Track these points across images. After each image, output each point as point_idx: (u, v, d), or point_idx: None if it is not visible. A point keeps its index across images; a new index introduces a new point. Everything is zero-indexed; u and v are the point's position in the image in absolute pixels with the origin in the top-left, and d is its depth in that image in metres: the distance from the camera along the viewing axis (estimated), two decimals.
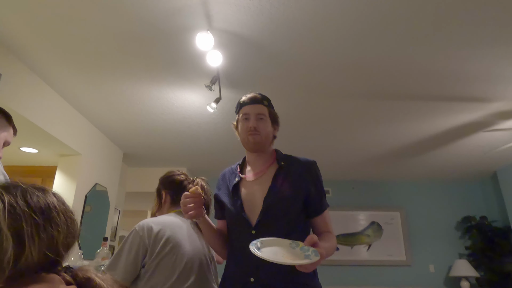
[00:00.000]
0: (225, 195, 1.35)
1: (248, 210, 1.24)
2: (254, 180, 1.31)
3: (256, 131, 1.30)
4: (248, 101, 1.36)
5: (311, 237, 0.99)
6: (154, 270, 1.35)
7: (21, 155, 3.59)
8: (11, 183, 0.71)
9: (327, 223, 1.28)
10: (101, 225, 4.00)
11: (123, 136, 4.03)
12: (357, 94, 3.00)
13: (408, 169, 4.97)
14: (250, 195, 1.27)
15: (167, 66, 2.62)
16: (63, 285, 0.63)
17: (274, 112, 1.39)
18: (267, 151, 1.36)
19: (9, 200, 0.65)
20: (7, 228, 0.62)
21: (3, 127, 1.34)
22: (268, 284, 1.13)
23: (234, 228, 1.28)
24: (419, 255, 5.08)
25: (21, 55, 2.53)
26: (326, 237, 1.22)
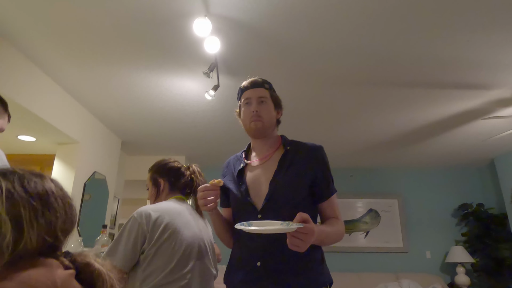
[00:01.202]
0: (230, 182, 1.34)
1: (254, 195, 1.24)
2: (259, 165, 1.30)
3: (259, 116, 1.29)
4: (249, 85, 1.35)
5: (300, 215, 0.97)
6: (153, 256, 1.36)
7: (18, 144, 3.58)
8: (8, 169, 0.71)
9: (334, 208, 1.26)
10: (100, 213, 4.01)
11: (121, 124, 4.01)
12: (356, 81, 2.98)
13: (406, 157, 4.99)
14: (255, 179, 1.26)
15: (165, 53, 2.59)
16: (61, 269, 0.63)
17: (276, 96, 1.37)
18: (271, 136, 1.35)
19: (6, 185, 0.65)
20: (6, 213, 0.63)
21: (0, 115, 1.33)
22: (275, 268, 1.13)
23: (240, 213, 1.26)
24: (416, 242, 5.14)
25: (17, 42, 2.50)
26: (330, 222, 1.22)
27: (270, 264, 1.14)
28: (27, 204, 0.65)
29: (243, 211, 1.25)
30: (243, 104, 1.35)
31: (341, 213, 1.28)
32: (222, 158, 5.05)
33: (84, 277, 0.67)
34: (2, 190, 0.65)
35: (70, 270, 0.65)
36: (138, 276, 1.36)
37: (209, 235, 1.62)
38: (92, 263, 0.69)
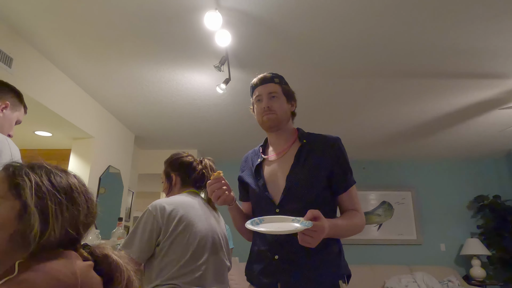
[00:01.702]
0: (248, 176, 1.36)
1: (271, 189, 1.25)
2: (276, 159, 1.30)
3: (270, 110, 1.28)
4: (259, 82, 1.35)
5: (310, 212, 0.99)
6: (168, 249, 1.38)
7: (36, 139, 3.67)
8: (36, 163, 0.74)
9: (353, 200, 1.24)
10: (115, 206, 4.10)
11: (134, 119, 4.06)
12: (369, 73, 2.94)
13: (420, 149, 4.92)
14: (273, 174, 1.27)
15: (176, 47, 2.60)
16: (80, 260, 0.66)
17: (287, 89, 1.36)
18: (287, 130, 1.34)
19: (35, 179, 0.68)
20: (34, 205, 0.65)
21: (16, 107, 1.37)
22: (292, 261, 1.15)
23: (259, 207, 1.28)
24: (430, 234, 5.09)
25: (32, 40, 2.54)
26: (347, 215, 1.21)
27: (287, 257, 1.16)
28: (54, 197, 0.68)
29: (262, 205, 1.26)
30: (255, 101, 1.36)
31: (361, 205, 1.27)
32: (234, 151, 5.08)
33: (102, 269, 0.69)
34: (31, 183, 0.67)
35: (89, 262, 0.67)
36: (154, 267, 1.39)
37: (222, 228, 1.64)
38: (110, 255, 0.71)
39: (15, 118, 1.38)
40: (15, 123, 1.38)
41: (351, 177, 1.26)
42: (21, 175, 0.69)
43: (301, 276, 1.13)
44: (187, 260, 1.39)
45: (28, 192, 0.66)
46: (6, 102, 1.33)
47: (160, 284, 1.35)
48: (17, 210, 0.66)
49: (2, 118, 1.31)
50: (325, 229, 0.99)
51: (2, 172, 0.71)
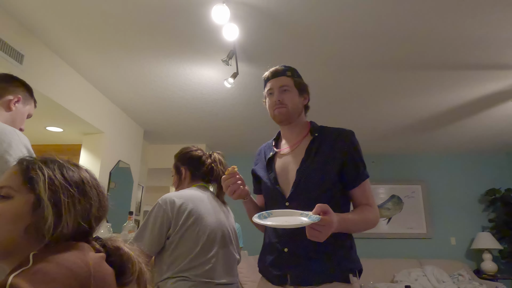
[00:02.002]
0: (261, 169, 1.36)
1: (282, 183, 1.25)
2: (288, 153, 1.30)
3: (282, 103, 1.28)
4: (271, 75, 1.34)
5: (319, 206, 0.98)
6: (178, 242, 1.40)
7: (47, 134, 3.72)
8: (49, 157, 0.75)
9: (366, 195, 1.21)
10: (126, 201, 4.15)
11: (143, 114, 4.09)
12: (378, 65, 2.91)
13: (431, 142, 4.86)
14: (284, 167, 1.27)
15: (184, 41, 2.60)
16: (92, 252, 0.67)
17: (300, 82, 1.34)
18: (299, 123, 1.33)
19: (48, 173, 0.70)
20: (47, 199, 0.67)
21: (27, 100, 1.39)
22: (301, 254, 1.15)
23: (270, 200, 1.29)
24: (440, 228, 5.05)
25: (42, 36, 2.57)
26: (359, 210, 1.19)
27: (297, 250, 1.16)
28: (66, 191, 0.69)
29: (272, 198, 1.27)
30: (267, 94, 1.35)
31: None
32: (243, 145, 5.08)
33: (114, 260, 0.70)
34: (45, 177, 0.69)
35: (101, 253, 0.68)
36: (165, 260, 1.41)
37: (231, 222, 1.65)
38: (121, 247, 0.72)
39: (26, 112, 1.40)
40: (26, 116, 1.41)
41: (364, 171, 1.24)
42: (35, 169, 0.70)
43: (310, 269, 1.13)
44: (197, 253, 1.40)
45: (42, 185, 0.68)
46: (18, 96, 1.35)
47: (171, 277, 1.37)
48: (31, 204, 0.67)
49: (15, 112, 1.33)
50: (334, 224, 0.99)
51: (16, 166, 0.72)
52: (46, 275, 0.55)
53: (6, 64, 2.33)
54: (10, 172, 0.71)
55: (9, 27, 2.35)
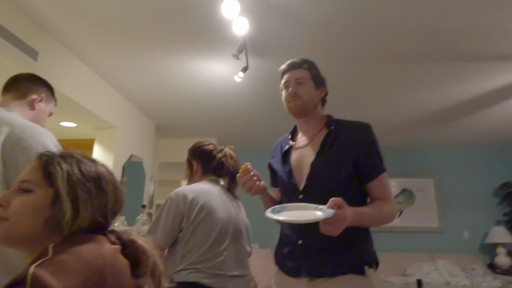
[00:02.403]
0: (277, 163, 1.37)
1: (297, 176, 1.25)
2: (303, 146, 1.30)
3: (297, 96, 1.27)
4: (287, 68, 1.34)
5: (333, 200, 0.98)
6: (190, 235, 1.43)
7: (61, 130, 3.80)
8: (67, 152, 0.77)
9: (383, 189, 1.20)
10: (138, 194, 4.22)
11: (154, 109, 4.13)
12: (389, 57, 2.87)
13: (443, 135, 4.79)
14: (299, 160, 1.28)
15: (194, 36, 2.61)
16: (108, 244, 0.69)
17: (317, 74, 1.34)
18: (315, 116, 1.32)
19: (66, 168, 0.72)
20: (66, 193, 0.69)
21: (49, 100, 1.44)
22: (315, 247, 1.16)
23: (285, 193, 1.30)
24: (453, 222, 4.99)
25: (56, 33, 2.62)
26: (375, 204, 1.18)
27: (311, 242, 1.17)
28: (83, 186, 0.71)
29: (287, 191, 1.28)
30: (283, 87, 1.34)
31: None
32: (253, 139, 5.09)
33: (129, 253, 0.72)
34: (63, 172, 0.71)
35: (116, 245, 0.71)
36: (178, 252, 1.44)
37: (243, 215, 1.67)
38: (136, 240, 0.74)
39: (48, 111, 1.44)
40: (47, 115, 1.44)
41: (380, 164, 1.22)
42: (54, 164, 0.72)
43: (325, 261, 1.14)
44: (209, 246, 1.43)
45: (60, 180, 0.70)
46: (42, 95, 1.39)
47: (184, 269, 1.40)
48: (50, 198, 0.70)
49: (38, 110, 1.37)
50: (348, 218, 0.99)
51: (36, 161, 0.74)
52: (64, 266, 0.58)
53: (22, 61, 2.38)
54: (31, 167, 0.74)
55: (23, 25, 2.39)
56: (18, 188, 0.72)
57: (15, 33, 2.32)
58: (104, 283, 0.61)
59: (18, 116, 1.23)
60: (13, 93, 1.32)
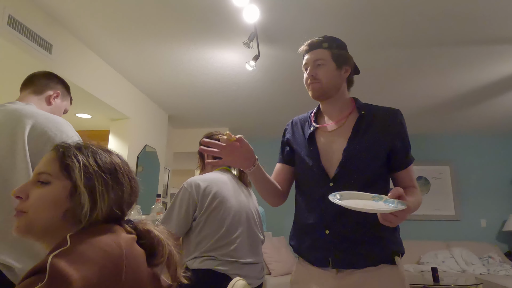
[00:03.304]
0: (297, 143, 1.27)
1: (325, 161, 1.17)
2: (331, 130, 1.22)
3: (315, 79, 1.21)
4: (306, 49, 1.26)
5: (396, 189, 0.93)
6: (204, 224, 1.45)
7: (76, 121, 3.87)
8: (82, 144, 0.78)
9: (411, 177, 1.18)
10: (153, 184, 4.28)
11: (167, 99, 4.15)
12: (404, 42, 2.79)
13: (460, 121, 4.67)
14: (328, 145, 1.19)
15: (205, 25, 2.60)
16: (124, 233, 0.70)
17: (340, 53, 1.24)
18: (340, 98, 1.25)
19: (82, 160, 0.72)
20: (83, 186, 0.70)
21: (65, 97, 1.50)
22: (344, 236, 1.10)
23: (309, 179, 1.20)
24: (470, 210, 4.91)
25: (69, 26, 2.64)
26: (411, 192, 1.13)
27: (339, 232, 1.10)
28: (100, 178, 0.72)
29: (313, 177, 1.19)
30: (304, 69, 1.27)
31: None
32: (265, 128, 5.08)
33: (145, 243, 0.73)
34: (80, 164, 0.72)
35: (132, 235, 0.72)
36: (192, 240, 1.46)
37: (254, 203, 1.69)
38: (152, 230, 0.76)
39: (63, 107, 1.49)
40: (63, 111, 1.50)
41: (411, 153, 1.20)
42: (70, 156, 0.73)
43: (355, 252, 1.09)
44: (222, 234, 1.45)
45: (78, 173, 0.71)
46: (58, 92, 1.44)
47: (198, 256, 1.43)
48: (68, 190, 0.71)
49: (54, 106, 1.43)
50: (410, 209, 0.94)
51: (53, 153, 0.75)
52: (82, 255, 0.59)
53: (37, 54, 2.41)
54: (48, 159, 0.75)
55: (38, 18, 2.42)
56: (35, 180, 0.73)
57: (30, 27, 2.35)
58: (121, 271, 0.62)
59: (37, 109, 1.29)
60: (31, 88, 1.37)
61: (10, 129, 1.14)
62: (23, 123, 1.15)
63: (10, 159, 1.10)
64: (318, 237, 1.13)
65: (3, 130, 1.14)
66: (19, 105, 1.26)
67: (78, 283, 0.55)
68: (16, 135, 1.13)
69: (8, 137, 1.13)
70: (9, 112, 1.19)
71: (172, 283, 0.75)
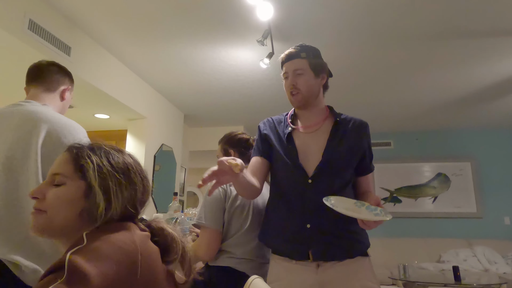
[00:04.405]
0: (275, 141, 1.34)
1: (303, 160, 1.26)
2: (308, 132, 1.32)
3: (296, 89, 1.30)
4: (285, 58, 1.35)
5: (376, 198, 1.11)
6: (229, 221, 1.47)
7: (95, 121, 3.96)
8: (95, 144, 0.79)
9: (371, 183, 1.36)
10: (170, 182, 4.34)
11: (182, 98, 4.20)
12: (422, 35, 2.73)
13: (480, 116, 4.53)
14: (305, 145, 1.28)
15: (218, 24, 2.61)
16: (138, 230, 0.72)
17: (316, 62, 1.32)
18: (317, 104, 1.35)
19: (96, 161, 0.74)
20: (98, 186, 0.72)
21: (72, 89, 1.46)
22: (324, 231, 1.19)
23: (288, 176, 1.29)
24: (492, 207, 4.76)
25: (87, 29, 2.70)
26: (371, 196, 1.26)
27: (320, 226, 1.19)
28: (114, 178, 0.74)
29: (292, 175, 1.27)
30: (283, 77, 1.36)
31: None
32: None
33: (158, 240, 0.75)
34: (93, 164, 0.73)
35: (146, 232, 0.73)
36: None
37: None
38: (165, 228, 0.77)
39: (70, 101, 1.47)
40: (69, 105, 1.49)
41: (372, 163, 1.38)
42: (84, 156, 0.74)
43: (335, 245, 1.19)
44: (245, 231, 1.46)
45: (92, 173, 0.72)
46: (68, 86, 1.43)
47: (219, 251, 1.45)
48: (83, 190, 0.73)
49: (66, 100, 1.42)
50: None
51: (67, 154, 0.77)
52: (99, 252, 0.61)
53: (56, 56, 2.48)
54: (62, 160, 0.76)
55: (57, 22, 2.49)
56: (51, 181, 0.75)
57: (50, 30, 2.41)
58: (137, 267, 0.63)
59: (53, 112, 1.28)
60: (44, 86, 1.34)
61: (26, 133, 1.15)
62: (39, 128, 1.16)
63: (23, 161, 1.12)
64: (298, 230, 1.20)
65: (19, 132, 1.15)
66: (36, 106, 1.25)
67: (96, 279, 0.57)
68: (31, 139, 1.14)
69: (23, 140, 1.14)
70: (26, 114, 1.20)
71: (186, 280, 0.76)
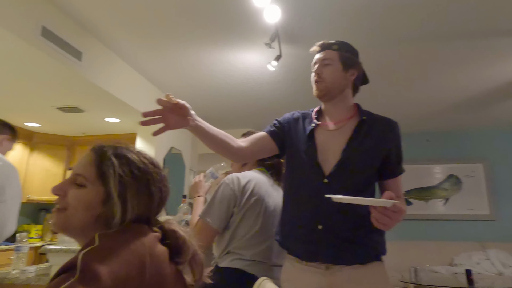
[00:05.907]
0: (296, 137, 1.31)
1: (321, 158, 1.21)
2: (332, 130, 1.26)
3: (320, 78, 1.25)
4: (316, 49, 1.32)
5: (389, 193, 0.97)
6: (240, 220, 1.46)
7: (105, 125, 4.02)
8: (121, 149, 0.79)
9: (400, 187, 1.24)
10: (179, 185, 4.38)
11: (190, 101, 4.16)
12: (432, 35, 2.70)
13: (492, 116, 4.46)
14: (326, 143, 1.23)
15: (226, 27, 2.62)
16: (149, 232, 0.73)
17: (347, 56, 1.28)
18: (344, 101, 1.29)
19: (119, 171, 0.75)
20: (117, 195, 0.73)
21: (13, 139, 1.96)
22: (336, 233, 1.14)
23: (304, 174, 1.24)
24: (506, 209, 4.67)
25: (98, 34, 2.75)
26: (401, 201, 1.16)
27: (332, 229, 1.14)
28: (133, 188, 0.75)
29: (308, 173, 1.22)
30: (312, 68, 1.32)
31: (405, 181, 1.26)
32: None
33: (170, 242, 0.76)
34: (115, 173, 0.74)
35: (156, 234, 0.74)
36: (225, 237, 1.47)
37: None
38: (177, 230, 0.78)
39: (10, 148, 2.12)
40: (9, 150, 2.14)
41: (402, 164, 1.26)
42: (108, 164, 0.75)
43: (346, 249, 1.14)
44: (256, 232, 1.44)
45: (113, 182, 0.74)
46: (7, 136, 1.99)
47: (229, 252, 1.44)
48: (102, 197, 0.74)
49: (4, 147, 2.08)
50: (404, 212, 0.99)
51: (91, 155, 0.78)
52: (110, 252, 0.63)
53: (67, 61, 2.53)
54: (86, 161, 0.78)
55: (68, 27, 2.54)
56: (73, 180, 0.76)
57: (62, 36, 2.46)
58: (145, 267, 0.65)
59: None
60: None
61: None
62: None
63: None
64: (310, 231, 1.17)
65: None
66: None
67: (108, 278, 0.58)
68: None
69: None
70: None
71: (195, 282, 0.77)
